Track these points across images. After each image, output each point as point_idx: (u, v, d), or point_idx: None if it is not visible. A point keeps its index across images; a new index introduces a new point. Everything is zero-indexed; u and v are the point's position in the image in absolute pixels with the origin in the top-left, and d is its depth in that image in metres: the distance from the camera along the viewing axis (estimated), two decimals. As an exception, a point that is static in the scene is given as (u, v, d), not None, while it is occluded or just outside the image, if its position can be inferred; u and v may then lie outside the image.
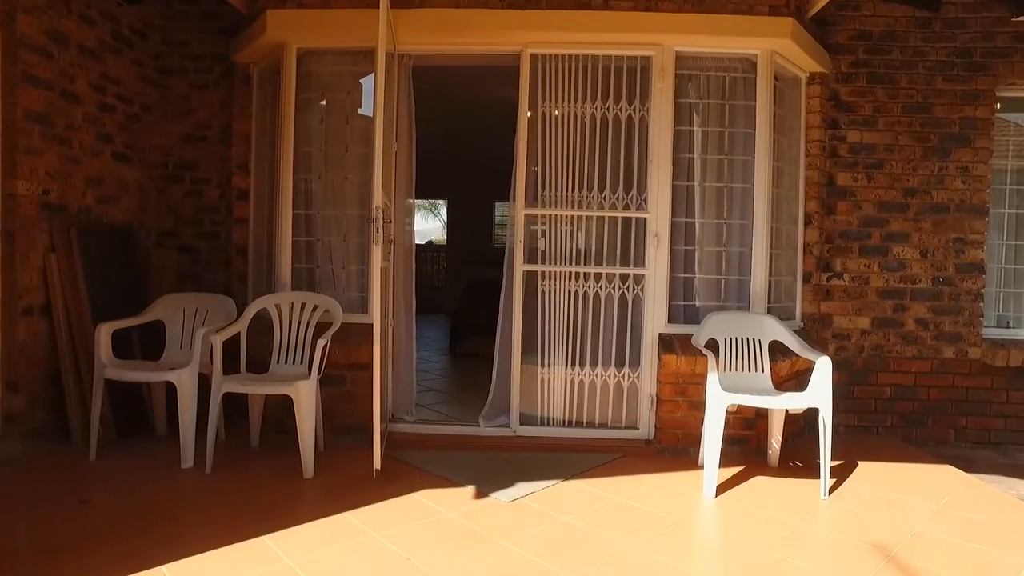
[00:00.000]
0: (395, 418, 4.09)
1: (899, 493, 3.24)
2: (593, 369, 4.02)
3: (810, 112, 4.29)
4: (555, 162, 3.98)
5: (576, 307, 4.01)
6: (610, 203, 3.98)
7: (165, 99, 4.51)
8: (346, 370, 3.89)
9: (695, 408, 3.84)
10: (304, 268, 4.11)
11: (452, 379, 5.76)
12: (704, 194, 4.01)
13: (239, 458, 3.54)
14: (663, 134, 3.89)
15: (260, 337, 3.84)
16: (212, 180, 4.56)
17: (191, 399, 3.38)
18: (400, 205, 4.09)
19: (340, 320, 3.72)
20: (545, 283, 4.00)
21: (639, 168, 3.97)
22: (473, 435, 3.98)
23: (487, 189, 11.05)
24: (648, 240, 3.93)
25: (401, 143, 4.05)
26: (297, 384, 3.28)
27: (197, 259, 4.59)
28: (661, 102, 3.89)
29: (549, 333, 4.00)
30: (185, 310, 3.92)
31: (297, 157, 4.03)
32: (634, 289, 3.99)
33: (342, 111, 4.06)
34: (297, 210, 4.05)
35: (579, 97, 3.96)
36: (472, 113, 7.13)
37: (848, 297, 4.37)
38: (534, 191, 3.99)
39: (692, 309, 4.04)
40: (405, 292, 4.09)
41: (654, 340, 3.92)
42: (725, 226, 4.02)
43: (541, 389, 4.02)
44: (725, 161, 4.00)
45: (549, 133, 3.97)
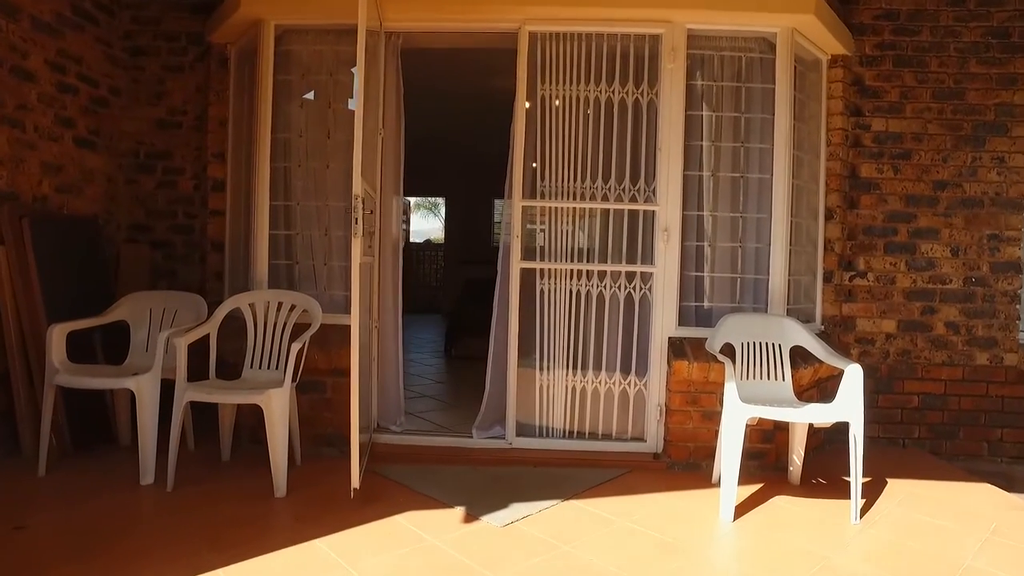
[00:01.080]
0: (380, 428, 3.76)
1: (938, 517, 2.91)
2: (596, 376, 3.69)
3: (831, 98, 3.96)
4: (555, 150, 3.65)
5: (578, 308, 3.68)
6: (615, 195, 3.65)
7: (136, 82, 4.19)
8: (327, 376, 3.56)
9: (708, 419, 3.51)
10: (283, 264, 3.78)
11: (446, 384, 5.43)
12: (717, 185, 3.68)
13: (206, 473, 3.21)
14: (673, 120, 3.56)
15: (232, 340, 3.51)
16: (187, 170, 4.24)
17: (152, 409, 3.05)
18: (387, 196, 3.76)
19: (319, 321, 3.39)
20: (544, 281, 3.67)
21: (647, 157, 3.64)
22: (465, 447, 3.64)
23: (486, 187, 10.71)
24: (657, 235, 3.60)
25: (388, 130, 3.73)
26: (268, 393, 2.95)
27: (171, 254, 4.27)
28: (671, 85, 3.56)
29: (549, 336, 3.67)
30: (152, 310, 3.59)
31: (275, 144, 3.70)
32: (641, 288, 3.66)
33: (324, 94, 3.73)
34: (275, 201, 3.72)
35: (582, 79, 3.64)
36: (470, 107, 6.80)
37: (872, 298, 4.04)
38: (532, 182, 3.66)
39: (704, 311, 3.71)
40: (391, 291, 3.76)
41: (663, 344, 3.59)
42: (740, 220, 3.69)
43: (540, 397, 3.69)
44: (741, 149, 3.67)
45: (549, 118, 3.65)
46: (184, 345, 3.05)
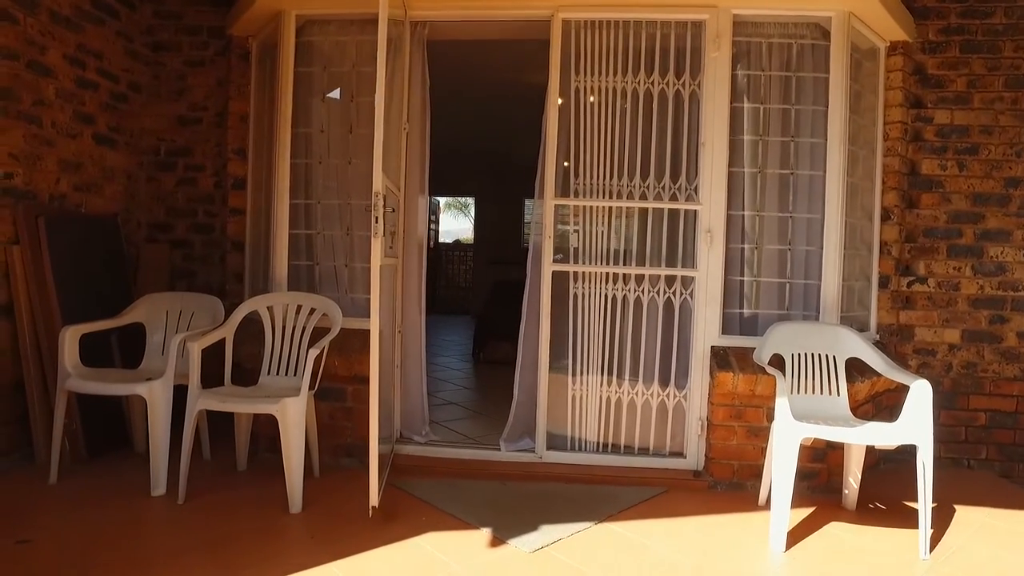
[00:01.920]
0: (403, 438, 3.58)
1: (1021, 553, 2.61)
2: (633, 386, 3.45)
3: (890, 89, 3.66)
4: (590, 145, 3.42)
5: (613, 313, 3.44)
6: (655, 193, 3.42)
7: (157, 77, 4.08)
8: (347, 383, 3.39)
9: (754, 435, 3.25)
10: (303, 266, 3.63)
11: (474, 391, 5.24)
12: (764, 183, 3.41)
13: (220, 484, 3.06)
14: (718, 112, 3.31)
15: (249, 344, 3.36)
16: (207, 167, 4.12)
17: (164, 417, 2.91)
18: (412, 194, 3.58)
19: (339, 325, 3.23)
20: (578, 285, 3.45)
21: (688, 152, 3.40)
22: (492, 460, 3.44)
23: (516, 187, 10.54)
24: (699, 236, 3.35)
25: (413, 124, 3.54)
26: (284, 402, 2.79)
27: (190, 254, 4.15)
28: (716, 75, 3.31)
29: (582, 343, 3.45)
30: (168, 312, 3.46)
31: (295, 139, 3.55)
32: (682, 294, 3.41)
33: (347, 87, 3.56)
34: (295, 199, 3.57)
35: (619, 70, 3.41)
36: (500, 104, 6.58)
37: (933, 305, 3.72)
38: (565, 179, 3.44)
39: (749, 318, 3.45)
40: (415, 294, 3.57)
41: (705, 354, 3.34)
42: (790, 220, 3.42)
43: (572, 408, 3.47)
44: (791, 144, 3.40)
45: (584, 111, 3.42)
46: (198, 350, 2.90)
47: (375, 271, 2.58)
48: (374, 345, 2.62)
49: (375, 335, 2.62)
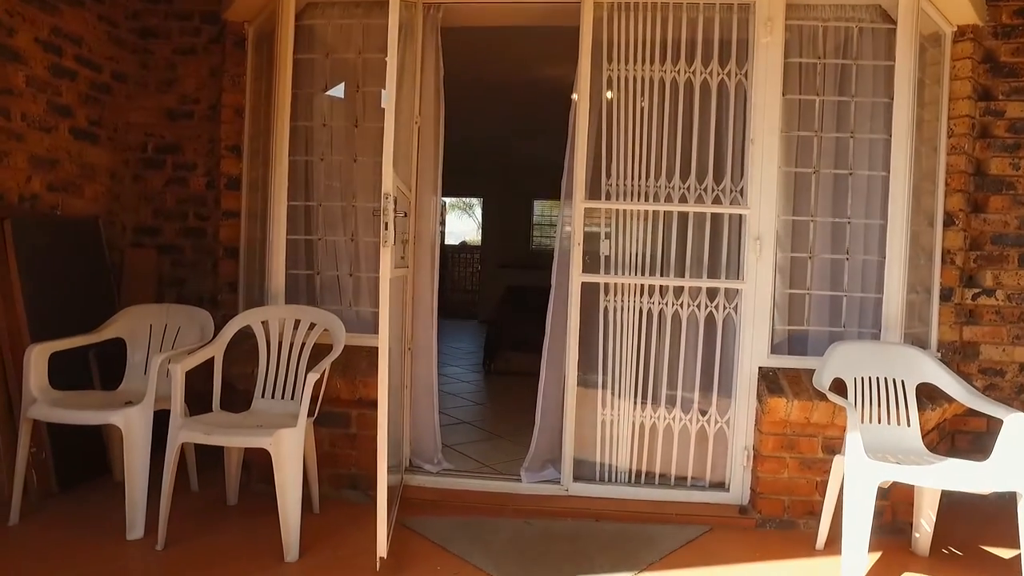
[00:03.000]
0: (413, 467, 3.22)
1: None
2: (670, 411, 3.09)
3: (956, 79, 3.28)
4: (624, 142, 3.07)
5: (648, 329, 3.09)
6: (695, 195, 3.06)
7: (144, 67, 3.73)
8: (351, 407, 3.04)
9: (807, 468, 2.89)
10: (302, 275, 3.28)
11: (487, 407, 4.88)
12: (819, 184, 3.05)
13: (207, 523, 2.70)
14: (768, 105, 2.95)
15: (241, 363, 3.01)
16: (199, 165, 3.76)
17: (141, 449, 2.55)
18: (424, 196, 3.22)
19: (342, 343, 2.87)
20: (609, 298, 3.09)
21: (734, 149, 3.04)
22: (513, 494, 3.08)
23: (525, 186, 10.21)
24: (746, 244, 2.99)
25: (426, 117, 3.19)
26: (278, 434, 2.43)
27: (180, 261, 3.80)
28: (767, 63, 2.94)
29: (613, 362, 3.09)
30: (152, 326, 3.11)
31: (294, 133, 3.20)
32: (725, 308, 3.05)
33: (352, 75, 3.20)
34: (294, 201, 3.22)
35: (656, 58, 3.05)
36: (515, 100, 6.21)
37: (1002, 320, 3.35)
38: (595, 179, 3.08)
39: (799, 336, 3.09)
40: (427, 307, 3.21)
41: (752, 376, 2.98)
42: (848, 227, 3.05)
43: (601, 434, 3.11)
44: (849, 141, 3.03)
45: (617, 104, 3.06)
46: (182, 372, 2.55)
47: (384, 285, 2.22)
48: (382, 372, 2.26)
49: (383, 360, 2.26)
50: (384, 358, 2.24)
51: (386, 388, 2.25)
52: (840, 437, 2.83)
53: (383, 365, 2.24)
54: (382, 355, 2.23)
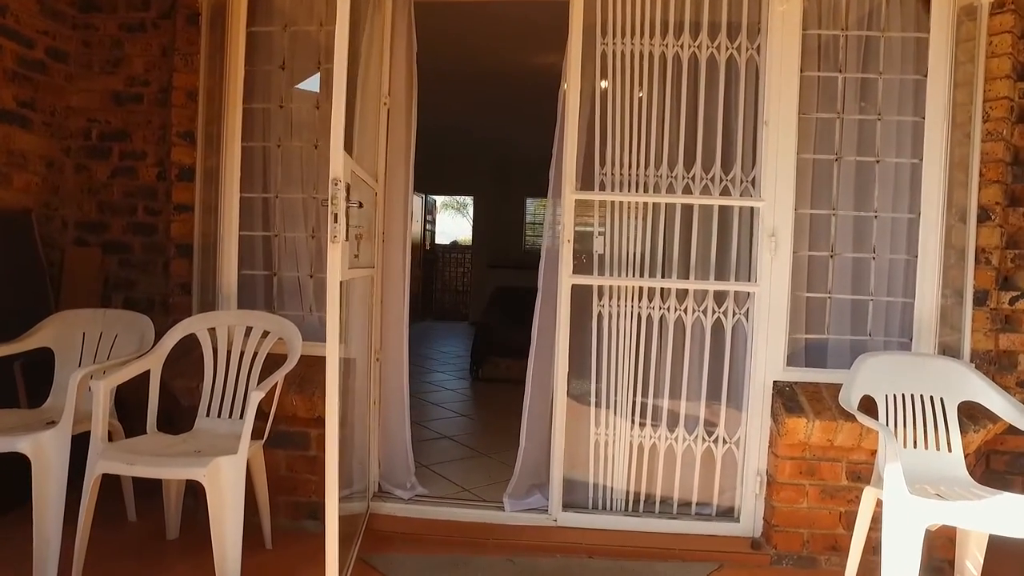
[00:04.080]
0: (383, 493, 2.85)
1: None
2: (672, 430, 2.74)
3: (993, 56, 2.91)
4: (620, 126, 2.71)
5: (648, 338, 2.73)
6: (701, 185, 2.70)
7: (86, 44, 3.35)
8: (310, 426, 2.67)
9: (829, 497, 2.54)
10: (259, 276, 2.92)
11: (471, 419, 4.51)
12: (841, 173, 2.70)
13: (138, 562, 2.34)
14: (785, 82, 2.59)
15: (186, 376, 2.64)
16: (149, 154, 3.38)
17: (55, 479, 2.18)
18: (395, 187, 2.86)
19: (299, 352, 2.51)
20: (603, 302, 2.73)
21: (744, 133, 2.69)
22: (495, 524, 2.72)
23: (518, 184, 9.85)
24: (759, 241, 2.63)
25: (396, 99, 2.83)
26: (214, 464, 2.06)
27: (128, 260, 3.42)
28: (783, 34, 2.59)
29: (608, 376, 2.74)
30: (86, 334, 2.74)
31: (248, 116, 2.84)
32: (735, 313, 2.70)
33: (313, 50, 2.84)
34: (248, 192, 2.86)
35: (656, 30, 2.70)
36: (502, 91, 5.82)
37: (1042, 327, 3.00)
38: (588, 168, 2.73)
39: (816, 345, 2.74)
40: (397, 312, 2.85)
41: (766, 391, 2.63)
42: (874, 222, 2.70)
43: (594, 457, 2.76)
44: (876, 124, 2.68)
45: (613, 82, 2.71)
46: (105, 391, 2.18)
47: (333, 287, 1.86)
48: (332, 377, 1.90)
49: (333, 369, 1.90)
50: (333, 371, 1.88)
51: (335, 406, 1.89)
52: (867, 462, 2.49)
53: (331, 380, 1.88)
54: (330, 368, 1.87)
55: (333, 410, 1.90)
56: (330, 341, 1.85)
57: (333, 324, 1.84)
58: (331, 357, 1.87)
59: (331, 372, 1.89)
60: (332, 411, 1.88)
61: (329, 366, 1.88)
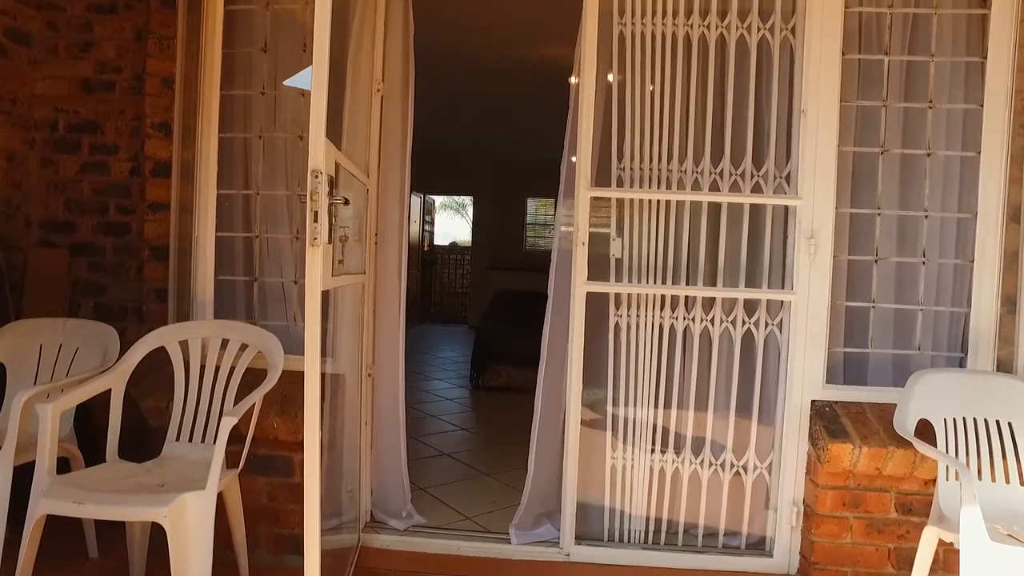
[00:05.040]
0: (375, 523, 2.57)
1: None
2: (697, 454, 2.46)
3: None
4: (640, 115, 2.44)
5: (670, 352, 2.46)
6: (730, 182, 2.43)
7: (52, 27, 3.06)
8: (294, 451, 2.39)
9: (876, 531, 2.27)
10: (239, 282, 2.64)
11: (472, 432, 4.22)
12: (885, 168, 2.42)
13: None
14: (825, 65, 2.32)
15: (155, 395, 2.36)
16: (122, 147, 3.10)
17: (-3, 516, 1.90)
18: (389, 184, 2.58)
19: (280, 368, 2.23)
20: (620, 312, 2.45)
21: (778, 124, 2.41)
22: (500, 559, 2.44)
23: (518, 184, 9.59)
24: (795, 243, 2.35)
25: (390, 85, 2.55)
26: (178, 502, 1.78)
27: (99, 263, 3.13)
28: (823, 11, 2.31)
29: (626, 394, 2.47)
30: (43, 346, 2.46)
31: (226, 104, 2.57)
32: (767, 324, 2.42)
33: (298, 30, 2.56)
34: (225, 188, 2.58)
35: (679, 9, 2.42)
36: (504, 85, 5.53)
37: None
38: (606, 161, 2.45)
39: (856, 360, 2.46)
40: (392, 322, 2.57)
41: (803, 411, 2.35)
42: (924, 222, 2.42)
43: (611, 483, 2.49)
44: (926, 113, 2.40)
45: (631, 69, 2.43)
46: (53, 415, 1.90)
47: (313, 297, 1.58)
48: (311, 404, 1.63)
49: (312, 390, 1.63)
50: (313, 395, 1.61)
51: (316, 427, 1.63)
52: (920, 493, 2.22)
53: (311, 399, 1.61)
54: (309, 392, 1.60)
55: (314, 440, 1.63)
56: (309, 360, 1.58)
57: (313, 341, 1.57)
58: (311, 377, 1.60)
59: (311, 397, 1.62)
60: (312, 441, 1.61)
61: (308, 389, 1.61)
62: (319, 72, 1.52)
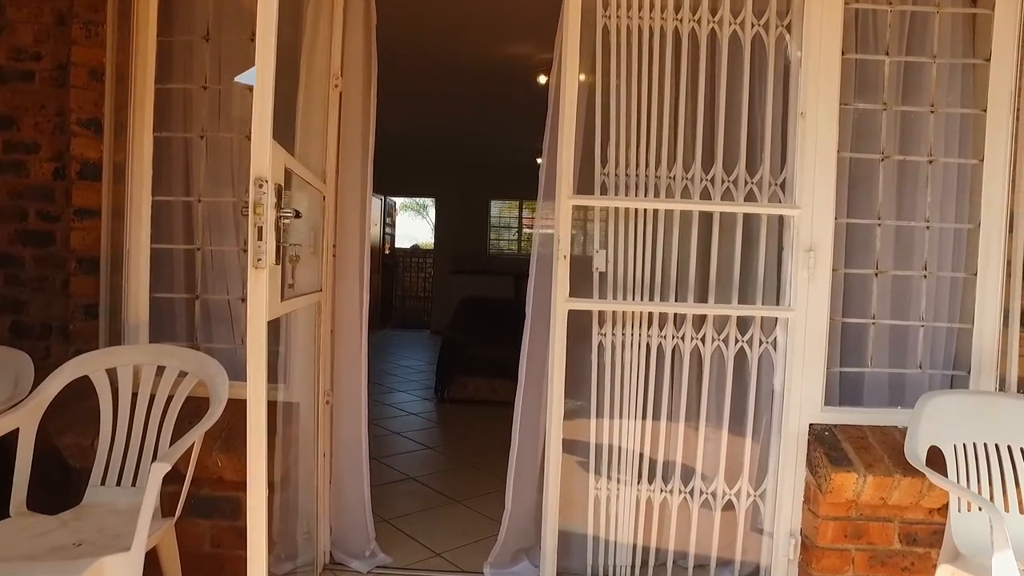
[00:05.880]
0: (335, 565, 2.32)
1: None
2: (686, 483, 2.28)
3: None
4: (625, 117, 2.24)
5: (659, 373, 2.27)
6: (722, 189, 2.25)
7: (-40, 9, 2.71)
8: (240, 490, 2.08)
9: (880, 563, 2.12)
10: (179, 299, 2.35)
11: (440, 452, 3.96)
12: (886, 175, 2.28)
13: None
14: (824, 65, 2.16)
15: (76, 431, 2.06)
16: (43, 146, 2.74)
17: None
18: (348, 187, 2.32)
19: (225, 399, 1.96)
20: (605, 330, 2.25)
21: (774, 128, 2.24)
22: (474, 604, 2.21)
23: (481, 185, 9.37)
24: (794, 257, 2.19)
25: (351, 80, 2.30)
26: (98, 567, 1.50)
27: (17, 276, 2.78)
28: (823, 8, 2.15)
29: (611, 419, 2.27)
30: (-56, 375, 2.12)
31: (162, 99, 2.28)
32: (762, 343, 2.25)
33: (246, 17, 2.28)
34: (162, 194, 2.29)
35: (668, 2, 2.23)
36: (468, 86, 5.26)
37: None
38: (588, 167, 2.25)
39: (852, 379, 2.31)
40: (354, 343, 2.31)
41: (800, 436, 2.19)
42: (925, 233, 2.29)
43: (594, 515, 2.29)
44: (928, 117, 2.26)
45: (616, 66, 2.23)
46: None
47: (256, 329, 1.33)
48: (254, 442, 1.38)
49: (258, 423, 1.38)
50: (258, 426, 1.37)
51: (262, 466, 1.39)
52: (925, 522, 2.08)
53: (254, 436, 1.36)
54: (252, 432, 1.35)
55: (260, 491, 1.38)
56: (252, 400, 1.33)
57: (257, 381, 1.31)
58: (255, 417, 1.34)
59: (255, 436, 1.37)
60: (256, 474, 1.36)
61: (251, 430, 1.36)
62: (264, 60, 1.27)
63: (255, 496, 1.34)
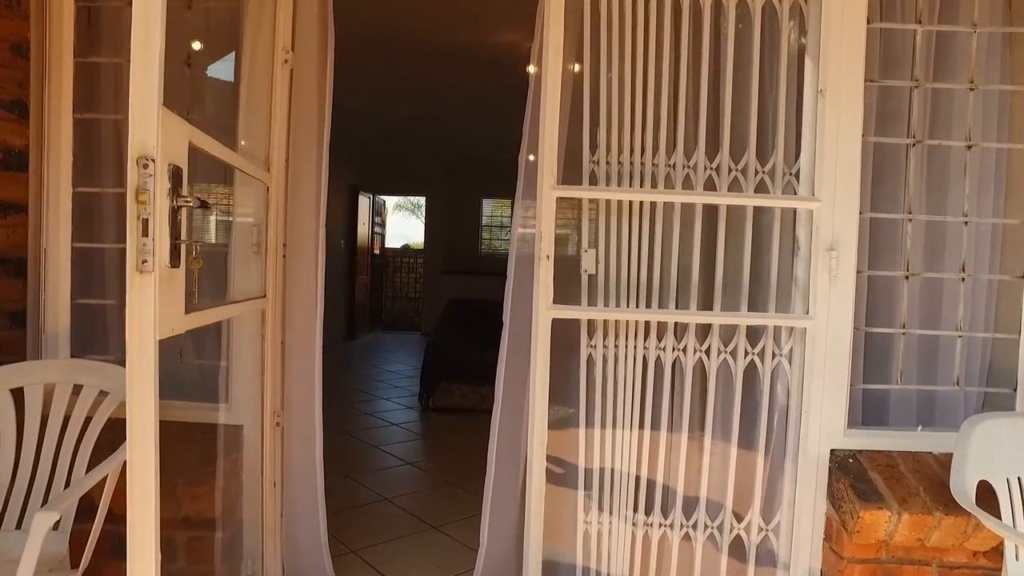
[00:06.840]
0: (286, 610, 2.02)
1: None
2: (688, 516, 1.99)
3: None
4: (617, 98, 1.94)
5: (657, 389, 1.98)
6: (729, 179, 1.96)
7: None
8: (174, 529, 1.82)
9: (914, 612, 1.82)
10: (108, 306, 2.05)
11: (421, 468, 3.66)
12: (918, 163, 1.99)
13: None
14: (848, 35, 1.87)
15: (-25, 461, 1.76)
16: (-35, 133, 2.46)
17: None
18: (301, 177, 2.03)
19: (151, 426, 1.65)
20: (595, 341, 1.96)
21: (787, 110, 1.95)
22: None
23: (474, 184, 9.07)
24: (813, 256, 1.90)
25: (303, 56, 2.01)
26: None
27: (-62, 280, 2.49)
28: (844, -31, 1.86)
29: (602, 442, 1.97)
30: None
31: (84, 75, 1.99)
32: (775, 355, 1.96)
33: (179, -19, 2.00)
34: (86, 186, 2.00)
35: (667, -35, 1.94)
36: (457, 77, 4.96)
37: None
38: (576, 154, 1.95)
39: (877, 397, 2.02)
40: (306, 357, 2.01)
41: (820, 463, 1.90)
42: (963, 230, 2.00)
43: (583, 552, 1.99)
44: (967, 96, 1.97)
45: (606, 40, 1.94)
46: None
47: (142, 349, 1.03)
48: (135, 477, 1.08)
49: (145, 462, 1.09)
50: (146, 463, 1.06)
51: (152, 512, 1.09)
52: (968, 565, 1.79)
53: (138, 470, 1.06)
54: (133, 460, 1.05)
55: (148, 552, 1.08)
56: (135, 442, 1.03)
57: (142, 416, 1.02)
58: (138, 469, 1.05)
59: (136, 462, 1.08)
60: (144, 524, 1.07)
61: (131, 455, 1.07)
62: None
63: (142, 561, 1.05)
